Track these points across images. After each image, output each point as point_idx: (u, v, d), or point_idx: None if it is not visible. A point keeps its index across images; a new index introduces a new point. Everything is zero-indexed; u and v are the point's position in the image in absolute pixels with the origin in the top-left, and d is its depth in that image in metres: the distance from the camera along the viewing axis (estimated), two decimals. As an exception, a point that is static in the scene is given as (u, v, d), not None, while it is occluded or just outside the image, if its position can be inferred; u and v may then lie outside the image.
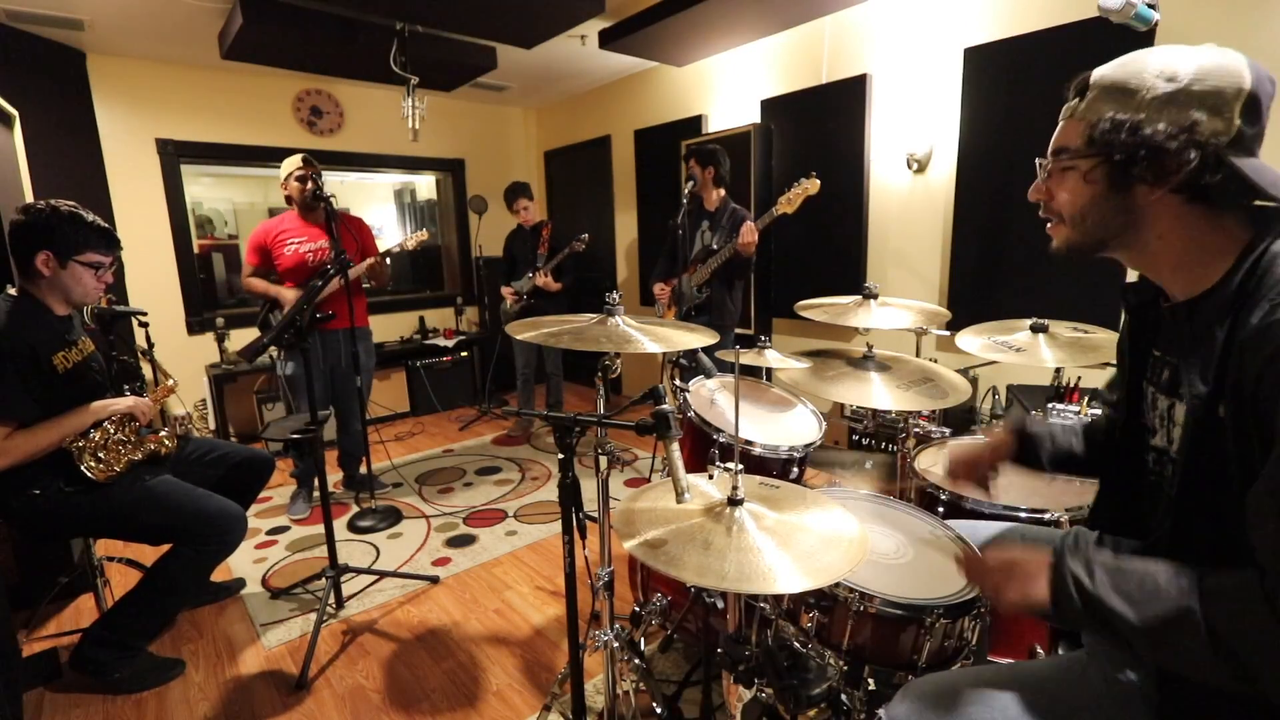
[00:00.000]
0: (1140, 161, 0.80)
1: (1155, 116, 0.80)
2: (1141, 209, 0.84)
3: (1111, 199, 0.85)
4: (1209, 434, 0.81)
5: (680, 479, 1.05)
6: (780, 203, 2.82)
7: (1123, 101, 0.82)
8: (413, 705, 1.87)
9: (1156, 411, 0.97)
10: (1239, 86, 0.77)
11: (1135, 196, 0.84)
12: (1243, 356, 0.75)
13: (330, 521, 2.28)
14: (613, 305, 1.49)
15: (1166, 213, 0.83)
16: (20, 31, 3.30)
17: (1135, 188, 0.83)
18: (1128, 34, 1.72)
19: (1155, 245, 0.87)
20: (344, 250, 2.48)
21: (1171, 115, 0.79)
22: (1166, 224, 0.84)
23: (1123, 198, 0.85)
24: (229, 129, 4.32)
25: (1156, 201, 0.83)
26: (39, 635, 2.21)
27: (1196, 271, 0.85)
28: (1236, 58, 0.79)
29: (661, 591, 1.73)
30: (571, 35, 3.64)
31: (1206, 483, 0.83)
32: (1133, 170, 0.81)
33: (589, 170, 5.32)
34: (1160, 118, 0.79)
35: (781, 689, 1.05)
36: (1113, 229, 0.88)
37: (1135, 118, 0.81)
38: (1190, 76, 0.79)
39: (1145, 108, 0.80)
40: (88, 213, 1.84)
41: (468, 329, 5.48)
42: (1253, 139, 0.79)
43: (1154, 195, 0.82)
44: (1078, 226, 0.90)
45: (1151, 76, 0.80)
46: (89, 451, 1.80)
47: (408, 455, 4.04)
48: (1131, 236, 0.87)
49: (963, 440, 1.45)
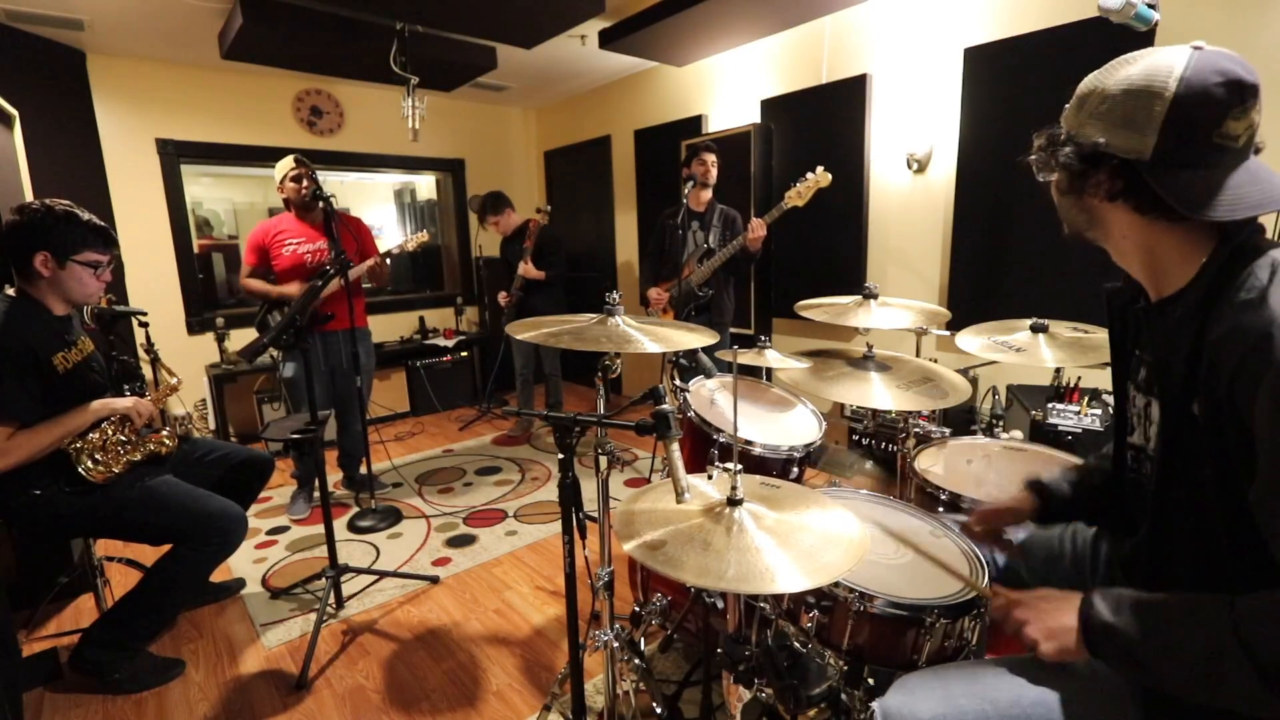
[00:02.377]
0: (1080, 169, 0.83)
1: (1079, 133, 0.82)
2: (1097, 211, 0.86)
3: (1070, 198, 0.89)
4: (1183, 431, 0.82)
5: (680, 479, 1.05)
6: (790, 195, 2.81)
7: (1070, 114, 0.86)
8: (413, 705, 1.87)
9: (1135, 410, 0.98)
10: (1161, 100, 0.75)
11: (1086, 200, 0.86)
12: (1216, 357, 0.76)
13: (330, 521, 2.28)
14: (613, 305, 1.49)
15: (1120, 219, 0.85)
16: (20, 31, 3.30)
17: (1087, 194, 0.85)
18: (1128, 34, 1.72)
19: (1121, 245, 0.89)
20: (343, 250, 2.48)
21: (1088, 133, 0.81)
22: (1121, 230, 0.86)
23: (1081, 199, 0.87)
24: (229, 129, 4.32)
25: (1107, 209, 0.85)
26: (39, 635, 2.21)
27: (1165, 274, 0.86)
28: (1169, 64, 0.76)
29: (661, 591, 1.73)
30: (571, 35, 3.64)
31: (1182, 479, 0.84)
32: (1079, 177, 0.84)
33: (589, 170, 5.32)
34: (1080, 134, 0.81)
35: (781, 689, 1.06)
36: (1079, 224, 0.91)
37: (1065, 132, 0.84)
38: (1118, 90, 0.79)
39: (1079, 123, 0.83)
40: (83, 211, 1.83)
41: (468, 329, 5.48)
42: (1191, 153, 0.76)
43: (1098, 202, 0.84)
44: (1059, 212, 0.93)
45: (1099, 90, 0.81)
46: (87, 453, 1.80)
47: (408, 455, 4.04)
48: (1099, 233, 0.90)
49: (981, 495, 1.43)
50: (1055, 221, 0.94)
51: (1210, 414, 0.77)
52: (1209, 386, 0.77)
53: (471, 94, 4.97)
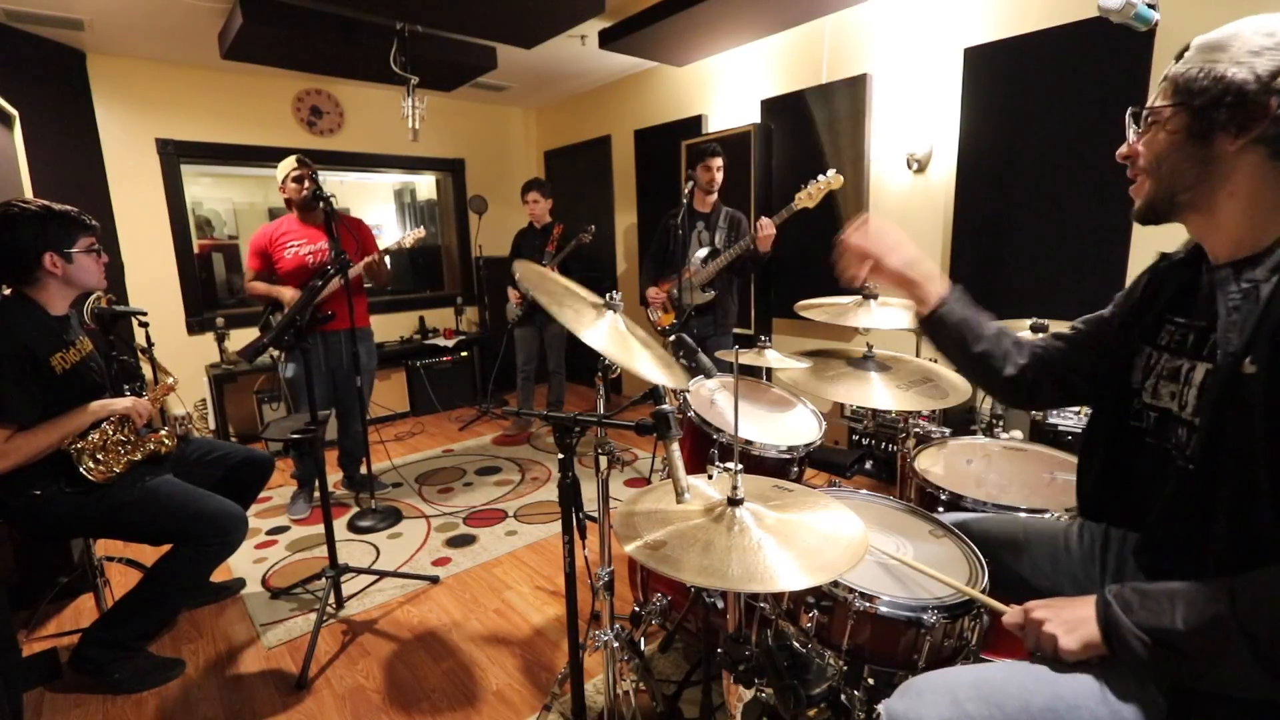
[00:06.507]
0: (1223, 108, 0.80)
1: (1244, 66, 0.80)
2: (1219, 160, 0.84)
3: (1189, 148, 0.86)
4: (1234, 391, 0.81)
5: (680, 479, 1.05)
6: (800, 197, 2.80)
7: (1215, 55, 0.83)
8: (413, 705, 1.87)
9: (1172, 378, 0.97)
10: None
11: (1214, 146, 0.84)
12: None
13: (330, 521, 2.28)
14: (613, 301, 1.47)
15: (1244, 166, 0.83)
16: (20, 31, 3.30)
17: (1216, 137, 0.83)
18: (1128, 34, 1.72)
19: (1225, 205, 0.86)
20: (344, 251, 2.48)
21: (1261, 64, 0.79)
22: (1241, 178, 0.84)
23: (1201, 147, 0.85)
24: (229, 129, 4.32)
25: (1235, 154, 0.83)
26: (39, 635, 2.21)
27: (1256, 232, 0.85)
28: None
29: (661, 591, 1.73)
30: (571, 35, 3.63)
31: (1230, 443, 0.82)
32: (1215, 116, 0.81)
33: (589, 170, 5.32)
34: (1248, 67, 0.79)
35: (781, 689, 1.05)
36: (1188, 179, 0.87)
37: (1222, 67, 0.81)
38: (1269, 41, 0.78)
39: (1234, 59, 0.80)
40: (54, 205, 1.83)
41: (468, 329, 5.48)
42: None
43: (1234, 146, 0.82)
44: (1154, 174, 0.90)
45: (1248, 34, 0.81)
46: (88, 453, 1.80)
47: (408, 455, 4.04)
48: (1204, 192, 0.87)
49: None
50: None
51: (1271, 368, 0.76)
52: (1275, 339, 0.76)
53: (471, 94, 4.97)
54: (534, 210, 4.10)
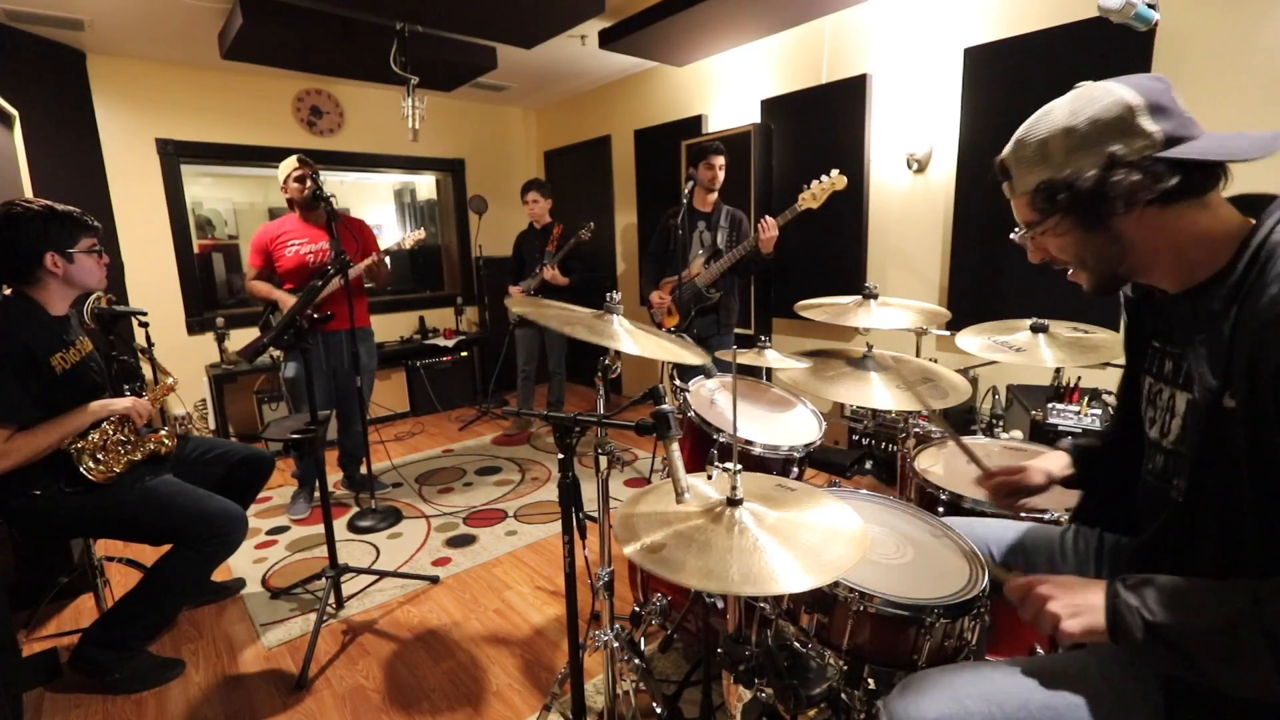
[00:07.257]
0: (1095, 202, 0.82)
1: (1078, 166, 0.82)
2: (1126, 233, 0.85)
3: (1095, 237, 0.87)
4: (1215, 425, 0.81)
5: (680, 479, 1.05)
6: (803, 198, 2.80)
7: (1039, 169, 0.86)
8: (413, 705, 1.87)
9: (1156, 404, 0.98)
10: (1126, 104, 0.79)
11: (1114, 226, 0.85)
12: (1262, 342, 0.74)
13: (330, 521, 2.28)
14: (612, 304, 1.48)
15: (1146, 225, 0.84)
16: (20, 31, 3.30)
17: (1109, 220, 0.84)
18: (1128, 34, 1.72)
19: (1160, 259, 0.87)
20: (344, 251, 2.48)
21: (1091, 158, 0.81)
22: (1147, 235, 0.85)
23: (1104, 232, 0.86)
24: (229, 129, 4.32)
25: (1135, 221, 0.84)
26: (39, 635, 2.21)
27: (1196, 264, 0.85)
28: (1102, 87, 0.82)
29: (661, 591, 1.73)
30: (571, 35, 3.63)
31: (1215, 475, 0.83)
32: (1097, 209, 0.83)
33: (589, 170, 5.32)
34: (1083, 164, 0.81)
35: (781, 689, 1.05)
36: (1114, 257, 0.88)
37: (1061, 175, 0.83)
38: (1082, 120, 0.82)
39: (1063, 164, 0.83)
40: (56, 205, 1.83)
41: (468, 329, 5.48)
42: (1181, 127, 0.79)
43: (1130, 218, 0.83)
44: (1086, 266, 0.92)
45: (1049, 140, 0.84)
46: (88, 453, 1.80)
47: (408, 455, 4.04)
48: (1136, 258, 0.88)
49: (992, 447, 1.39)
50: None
51: (1251, 406, 0.75)
52: (1252, 376, 0.75)
53: (471, 94, 4.97)
54: (534, 210, 4.10)
